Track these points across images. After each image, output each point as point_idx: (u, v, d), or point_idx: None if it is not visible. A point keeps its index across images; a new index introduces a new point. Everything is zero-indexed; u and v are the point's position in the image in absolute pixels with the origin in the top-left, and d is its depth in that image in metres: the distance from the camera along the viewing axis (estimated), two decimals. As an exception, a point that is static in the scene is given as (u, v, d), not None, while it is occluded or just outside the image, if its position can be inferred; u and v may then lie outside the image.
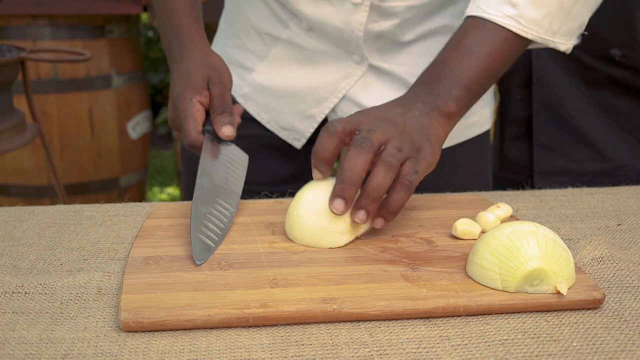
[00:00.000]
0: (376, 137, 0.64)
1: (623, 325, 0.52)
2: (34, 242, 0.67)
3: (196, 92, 0.76)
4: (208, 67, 0.78)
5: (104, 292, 0.56)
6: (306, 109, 0.94)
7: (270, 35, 0.93)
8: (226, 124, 0.75)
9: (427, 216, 0.73)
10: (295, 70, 0.93)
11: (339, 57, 0.91)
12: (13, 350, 0.47)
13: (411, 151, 0.65)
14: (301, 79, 0.93)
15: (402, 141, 0.65)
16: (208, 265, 0.59)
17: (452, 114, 0.71)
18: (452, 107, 0.71)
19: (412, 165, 0.65)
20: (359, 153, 0.62)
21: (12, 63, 1.78)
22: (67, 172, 2.46)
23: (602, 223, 0.75)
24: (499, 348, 0.49)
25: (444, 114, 0.71)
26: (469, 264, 0.58)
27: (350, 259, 0.61)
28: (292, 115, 0.95)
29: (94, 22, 2.42)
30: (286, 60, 0.94)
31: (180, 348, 0.48)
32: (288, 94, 0.94)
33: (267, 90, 0.95)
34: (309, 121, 0.95)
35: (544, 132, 1.11)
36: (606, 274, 0.61)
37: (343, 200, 0.62)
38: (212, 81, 0.77)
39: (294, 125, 0.96)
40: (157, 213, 0.73)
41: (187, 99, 0.76)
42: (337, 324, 0.52)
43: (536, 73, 1.10)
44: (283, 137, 0.98)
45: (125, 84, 2.56)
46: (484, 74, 0.73)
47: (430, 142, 0.68)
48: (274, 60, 0.94)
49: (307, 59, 0.92)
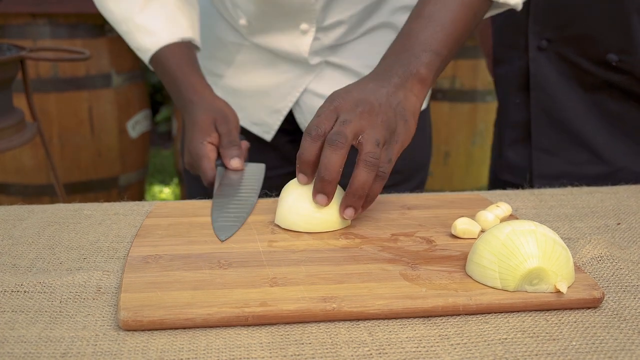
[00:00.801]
0: (350, 129, 0.65)
1: (622, 324, 0.52)
2: (34, 241, 0.67)
3: (205, 135, 0.84)
4: (213, 111, 0.87)
5: (103, 290, 0.56)
6: (273, 104, 1.05)
7: (234, 44, 1.05)
8: (234, 157, 0.83)
9: (426, 215, 0.73)
10: (259, 72, 1.04)
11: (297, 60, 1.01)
12: (12, 349, 0.47)
13: (387, 136, 0.67)
14: (265, 78, 1.04)
15: (377, 128, 0.66)
16: (207, 264, 0.59)
17: (425, 80, 0.73)
18: (424, 72, 0.73)
19: (385, 155, 0.67)
20: (333, 151, 0.64)
21: (11, 62, 1.78)
22: (66, 171, 2.46)
23: (601, 222, 0.75)
24: (498, 347, 0.49)
25: (417, 81, 0.73)
26: (468, 263, 0.58)
27: (350, 258, 0.61)
28: (261, 111, 1.06)
29: (94, 21, 2.42)
30: (250, 64, 1.05)
31: (179, 347, 0.48)
32: (255, 93, 1.05)
33: (237, 92, 1.07)
34: (276, 115, 1.05)
35: (542, 136, 1.11)
36: (605, 273, 0.61)
37: (324, 195, 0.66)
38: (218, 122, 0.85)
39: (264, 120, 1.06)
40: (157, 212, 0.73)
41: (198, 143, 0.84)
42: (337, 323, 0.52)
43: (533, 78, 1.10)
44: (254, 132, 1.08)
45: (125, 83, 2.56)
46: (449, 38, 0.75)
47: (406, 119, 0.70)
48: (240, 65, 1.06)
49: (269, 61, 1.03)
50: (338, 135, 0.64)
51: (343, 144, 0.64)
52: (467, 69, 2.94)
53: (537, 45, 1.09)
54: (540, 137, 1.11)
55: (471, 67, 2.95)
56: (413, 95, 0.72)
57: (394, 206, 0.76)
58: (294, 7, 0.95)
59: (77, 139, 2.47)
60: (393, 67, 0.73)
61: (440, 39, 0.75)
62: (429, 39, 0.74)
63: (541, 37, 1.08)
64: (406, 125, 0.70)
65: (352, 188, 0.65)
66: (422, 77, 0.73)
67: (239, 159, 0.82)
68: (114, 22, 0.97)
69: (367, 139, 0.65)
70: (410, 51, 0.74)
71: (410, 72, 0.72)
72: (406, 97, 0.71)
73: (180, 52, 0.92)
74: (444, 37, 0.75)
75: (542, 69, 1.09)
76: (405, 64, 0.73)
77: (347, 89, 0.70)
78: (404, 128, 0.69)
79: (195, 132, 0.85)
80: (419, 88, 0.73)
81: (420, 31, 0.75)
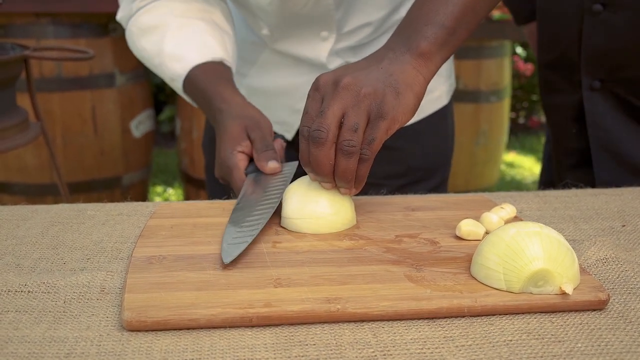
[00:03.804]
0: (326, 122, 0.64)
1: (628, 326, 0.52)
2: (37, 241, 0.67)
3: (236, 144, 0.79)
4: (244, 118, 0.82)
5: (107, 291, 0.56)
6: (294, 104, 1.04)
7: (256, 44, 1.05)
8: (270, 159, 0.78)
9: (431, 217, 0.73)
10: (280, 72, 1.05)
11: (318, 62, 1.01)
12: (16, 349, 0.47)
13: (372, 112, 0.64)
14: (286, 79, 1.04)
15: (359, 106, 0.64)
16: (211, 265, 0.59)
17: (426, 54, 0.68)
18: (425, 45, 0.68)
19: (368, 135, 0.64)
20: (316, 149, 0.64)
21: (15, 61, 1.78)
22: (70, 171, 2.46)
23: (606, 224, 0.75)
24: (503, 349, 0.48)
25: (418, 55, 0.68)
26: (473, 264, 0.58)
27: (354, 259, 0.61)
28: (282, 110, 1.06)
29: (98, 20, 2.42)
30: (271, 64, 1.05)
31: (183, 347, 0.48)
32: (276, 92, 1.06)
33: (260, 91, 1.07)
34: (296, 115, 1.04)
35: (604, 170, 1.11)
36: (611, 275, 0.61)
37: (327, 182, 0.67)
38: (250, 129, 0.81)
39: (285, 120, 1.06)
40: (160, 213, 0.73)
41: (228, 152, 0.79)
42: (341, 324, 0.51)
43: (590, 116, 1.09)
44: (276, 131, 1.04)
45: (129, 82, 2.56)
46: (457, 8, 0.69)
47: (398, 92, 0.65)
48: (262, 65, 1.06)
49: (291, 62, 1.03)
50: (317, 131, 0.64)
51: (324, 140, 0.63)
52: (470, 69, 2.94)
53: (590, 85, 1.08)
54: (601, 171, 1.10)
55: (475, 67, 2.95)
56: (412, 68, 0.67)
57: (398, 207, 0.76)
58: (314, 17, 0.95)
59: (80, 138, 2.47)
60: (391, 45, 0.69)
61: (446, 10, 0.69)
62: (432, 11, 0.69)
63: (594, 78, 1.07)
64: (399, 98, 0.65)
65: (336, 175, 0.66)
66: (422, 50, 0.67)
67: (275, 161, 0.78)
68: (148, 59, 0.95)
69: (345, 123, 0.64)
70: (412, 27, 0.69)
71: (408, 47, 0.68)
72: (403, 69, 0.66)
73: (210, 69, 0.89)
74: (450, 7, 0.69)
75: (597, 107, 1.08)
76: (404, 40, 0.69)
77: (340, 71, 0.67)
78: (396, 100, 0.64)
79: (225, 142, 0.80)
80: (419, 62, 0.67)
81: (425, 4, 0.70)
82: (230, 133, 0.80)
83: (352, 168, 0.64)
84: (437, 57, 0.69)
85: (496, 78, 3.01)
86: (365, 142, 0.64)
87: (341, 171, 0.65)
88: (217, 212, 0.73)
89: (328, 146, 0.64)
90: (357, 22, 0.97)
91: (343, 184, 0.66)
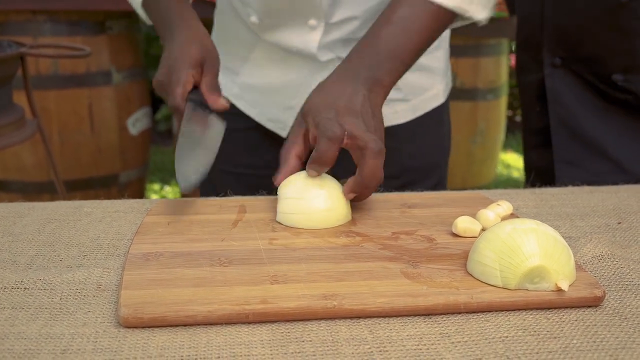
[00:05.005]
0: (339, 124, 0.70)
1: (623, 323, 0.52)
2: (34, 238, 0.67)
3: (192, 67, 0.82)
4: (205, 50, 0.85)
5: (103, 288, 0.56)
6: (286, 101, 1.05)
7: (248, 40, 1.05)
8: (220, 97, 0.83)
9: (427, 214, 0.73)
10: (272, 69, 1.05)
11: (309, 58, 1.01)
12: (12, 346, 0.47)
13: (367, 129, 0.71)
14: (278, 75, 1.04)
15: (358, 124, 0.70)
16: (208, 261, 0.59)
17: (387, 86, 0.78)
18: (388, 80, 0.78)
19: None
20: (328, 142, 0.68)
21: (12, 58, 1.77)
22: (66, 168, 2.45)
23: (602, 221, 0.75)
24: (499, 345, 0.49)
25: (380, 87, 0.77)
26: (469, 261, 0.58)
27: (351, 256, 0.61)
28: (276, 108, 1.06)
29: (94, 18, 2.41)
30: (263, 60, 1.05)
31: (180, 344, 0.48)
32: (269, 89, 1.06)
33: (253, 88, 1.07)
34: (289, 112, 1.04)
35: (563, 149, 1.12)
36: (606, 272, 0.61)
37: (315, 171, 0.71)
38: (207, 64, 0.84)
39: (278, 117, 1.06)
40: (157, 209, 0.73)
41: (183, 70, 0.81)
42: (338, 321, 0.52)
43: (550, 92, 1.12)
44: (270, 128, 1.09)
45: (125, 80, 2.55)
46: (416, 47, 0.79)
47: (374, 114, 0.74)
48: (254, 61, 1.06)
49: (282, 58, 1.03)
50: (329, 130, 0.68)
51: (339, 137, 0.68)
52: (467, 67, 2.94)
53: (552, 62, 1.11)
54: (561, 149, 1.12)
55: (472, 65, 2.95)
56: (375, 96, 0.76)
57: (395, 204, 0.76)
58: (301, 3, 0.95)
59: (77, 136, 2.46)
60: (359, 70, 0.77)
61: (408, 48, 0.78)
62: (397, 47, 0.78)
63: (555, 55, 1.10)
64: (375, 119, 0.73)
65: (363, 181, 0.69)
66: (384, 83, 0.77)
67: (224, 99, 0.83)
68: None
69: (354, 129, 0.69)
70: (378, 57, 0.77)
71: (374, 78, 0.76)
72: (369, 97, 0.75)
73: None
74: (412, 46, 0.78)
75: (558, 84, 1.11)
76: (372, 69, 0.76)
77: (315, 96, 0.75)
78: (374, 122, 0.73)
79: (184, 58, 0.82)
80: (379, 91, 0.77)
81: (390, 37, 0.78)
82: (188, 53, 0.82)
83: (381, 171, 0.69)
84: (391, 88, 0.79)
85: (493, 76, 3.01)
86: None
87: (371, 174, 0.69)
88: (214, 209, 0.73)
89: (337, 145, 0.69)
90: (345, 13, 0.97)
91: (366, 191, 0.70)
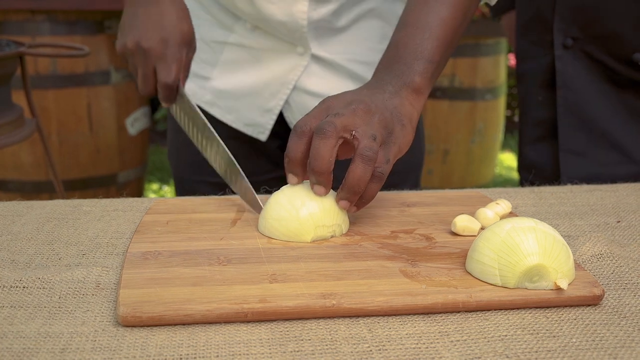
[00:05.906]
0: (340, 121, 0.63)
1: (622, 321, 0.52)
2: (33, 237, 0.67)
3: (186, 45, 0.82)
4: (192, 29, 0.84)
5: (102, 286, 0.56)
6: (263, 104, 1.02)
7: (217, 42, 1.02)
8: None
9: (426, 212, 0.73)
10: (246, 70, 1.02)
11: (283, 51, 0.99)
12: (11, 345, 0.47)
13: (384, 135, 0.65)
14: (253, 77, 1.01)
15: (373, 126, 0.64)
16: (207, 260, 0.59)
17: (420, 89, 0.71)
18: (419, 81, 0.71)
19: (383, 155, 0.64)
20: (321, 140, 0.62)
21: (10, 58, 1.77)
22: (65, 168, 2.45)
23: (601, 220, 0.75)
24: (498, 344, 0.49)
25: (412, 90, 0.70)
26: (468, 260, 0.58)
27: (349, 255, 0.61)
28: (252, 111, 1.03)
29: (93, 17, 2.41)
30: (236, 62, 1.02)
31: (178, 342, 0.48)
32: (245, 93, 1.02)
33: (226, 93, 1.03)
34: (268, 115, 1.03)
35: (569, 137, 1.08)
36: (605, 270, 0.61)
37: (321, 186, 0.64)
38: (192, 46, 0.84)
39: (256, 121, 1.04)
40: (156, 208, 0.73)
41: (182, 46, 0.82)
42: (336, 320, 0.51)
43: (560, 76, 1.07)
44: (248, 133, 1.05)
45: (124, 79, 2.55)
46: (440, 42, 0.73)
47: (403, 124, 0.67)
48: (225, 64, 1.03)
49: (254, 57, 1.00)
50: (327, 123, 0.62)
51: (332, 132, 0.62)
52: (466, 67, 2.94)
53: (563, 43, 1.07)
54: (567, 138, 1.08)
55: (470, 65, 2.95)
56: (409, 104, 0.69)
57: (394, 203, 0.76)
58: None
59: (75, 135, 2.46)
60: (385, 78, 0.71)
61: (431, 45, 0.72)
62: (419, 46, 0.72)
63: (567, 35, 1.06)
64: (404, 130, 0.67)
65: (347, 183, 0.63)
66: (416, 86, 0.70)
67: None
68: None
69: (362, 133, 0.63)
70: (402, 61, 0.71)
71: (404, 82, 0.70)
72: (402, 104, 0.69)
73: None
74: (434, 42, 0.72)
75: (569, 67, 1.07)
76: (399, 75, 0.71)
77: (341, 94, 0.68)
78: (402, 132, 0.67)
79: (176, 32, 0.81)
80: (414, 97, 0.70)
81: (410, 39, 0.73)
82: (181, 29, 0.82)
83: (366, 179, 0.62)
84: (427, 90, 0.72)
85: (492, 76, 3.01)
86: (382, 161, 0.64)
87: (355, 180, 0.62)
88: (213, 208, 0.73)
89: (334, 141, 0.62)
90: None
91: (349, 196, 0.63)
